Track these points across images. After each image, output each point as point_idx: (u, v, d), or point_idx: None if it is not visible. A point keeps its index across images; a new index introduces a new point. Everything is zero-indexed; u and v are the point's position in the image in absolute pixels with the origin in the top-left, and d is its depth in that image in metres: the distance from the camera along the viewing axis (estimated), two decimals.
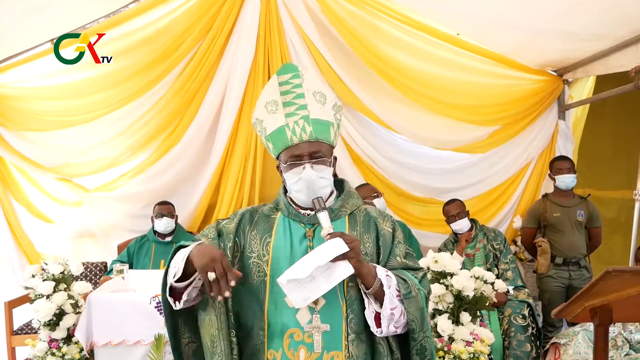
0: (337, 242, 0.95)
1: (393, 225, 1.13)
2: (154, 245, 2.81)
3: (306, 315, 1.01)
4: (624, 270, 1.27)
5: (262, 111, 1.11)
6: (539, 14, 2.42)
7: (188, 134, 2.99)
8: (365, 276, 1.00)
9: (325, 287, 0.95)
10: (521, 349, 2.41)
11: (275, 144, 1.09)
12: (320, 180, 1.05)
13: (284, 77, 1.10)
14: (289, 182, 1.08)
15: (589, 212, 2.77)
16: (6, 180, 3.00)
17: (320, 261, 0.93)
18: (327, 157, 1.08)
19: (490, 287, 2.21)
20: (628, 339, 2.10)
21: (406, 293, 1.01)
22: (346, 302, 1.02)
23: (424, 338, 1.04)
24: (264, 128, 1.11)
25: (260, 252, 1.06)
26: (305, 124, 1.06)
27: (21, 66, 2.87)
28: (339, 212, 1.11)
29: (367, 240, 1.09)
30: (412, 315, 1.02)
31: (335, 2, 2.87)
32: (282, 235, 1.08)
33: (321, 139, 1.07)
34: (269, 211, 1.13)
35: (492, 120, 3.10)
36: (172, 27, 2.86)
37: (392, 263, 1.08)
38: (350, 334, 1.01)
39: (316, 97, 1.09)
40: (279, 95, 1.09)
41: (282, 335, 1.01)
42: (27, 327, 2.56)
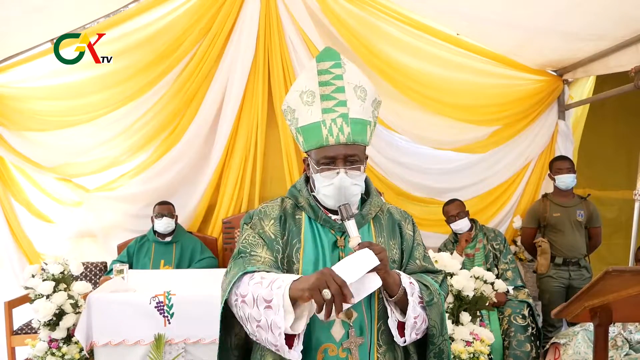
0: (367, 255, 0.90)
1: (414, 226, 1.11)
2: (154, 246, 2.80)
3: (340, 330, 0.97)
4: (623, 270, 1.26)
5: (297, 100, 1.02)
6: (538, 14, 2.42)
7: (188, 134, 2.98)
8: (390, 285, 0.96)
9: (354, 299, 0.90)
10: (521, 349, 2.41)
11: (308, 140, 1.01)
12: (353, 187, 0.99)
13: (324, 65, 1.02)
14: (318, 184, 1.01)
15: (588, 212, 2.77)
16: (6, 180, 3.00)
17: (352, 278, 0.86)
18: (362, 160, 1.02)
19: (490, 287, 2.21)
20: (628, 339, 2.10)
21: (429, 300, 0.99)
22: (377, 313, 1.00)
23: (443, 342, 1.02)
24: (295, 118, 1.03)
25: (292, 258, 1.01)
26: (344, 123, 0.98)
27: (21, 66, 2.87)
28: (366, 217, 1.05)
29: (393, 247, 1.05)
30: (433, 322, 0.99)
31: (335, 2, 2.87)
32: (312, 242, 1.02)
33: (358, 141, 1.00)
34: (292, 209, 1.06)
35: (492, 120, 3.10)
36: (172, 27, 2.86)
37: (412, 266, 1.06)
38: (382, 345, 0.99)
39: (357, 92, 1.01)
40: (317, 86, 1.00)
41: (316, 351, 0.97)
42: (27, 327, 2.56)
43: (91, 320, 2.01)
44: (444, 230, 2.98)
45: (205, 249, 2.85)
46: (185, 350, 1.99)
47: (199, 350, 2.00)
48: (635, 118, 3.23)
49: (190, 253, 2.81)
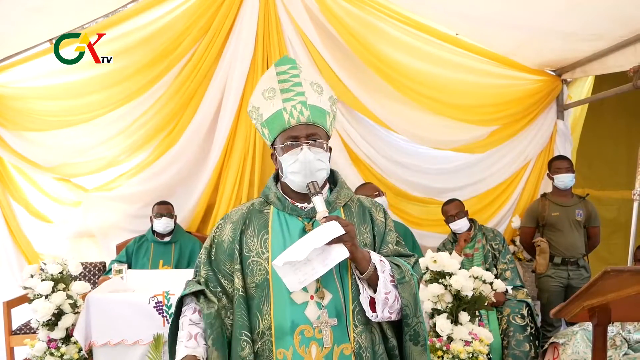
0: (332, 225, 0.96)
1: (385, 214, 1.15)
2: (153, 245, 2.80)
3: (315, 311, 1.01)
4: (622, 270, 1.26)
5: (259, 98, 1.11)
6: (537, 14, 2.42)
7: (187, 134, 2.98)
8: (359, 261, 1.00)
9: (320, 270, 0.96)
10: (520, 349, 2.41)
11: (272, 128, 1.08)
12: (318, 162, 1.04)
13: (282, 68, 1.11)
14: (285, 164, 1.06)
15: (587, 211, 2.77)
16: (5, 180, 3.00)
17: (317, 243, 0.93)
18: (324, 140, 1.08)
19: (489, 286, 2.21)
20: (627, 338, 2.10)
21: (400, 278, 1.02)
22: (352, 294, 1.02)
23: (417, 324, 1.04)
24: (260, 115, 1.11)
25: (259, 250, 1.05)
26: (303, 108, 1.06)
27: (20, 66, 2.86)
28: (335, 203, 1.10)
29: (365, 231, 1.09)
30: (406, 300, 1.02)
31: (334, 2, 2.87)
32: (280, 231, 1.07)
33: (318, 123, 1.07)
34: (260, 206, 1.12)
35: (490, 120, 3.10)
36: (171, 27, 2.86)
37: (385, 250, 1.09)
38: (357, 325, 1.02)
39: (313, 87, 1.10)
40: (277, 83, 1.09)
41: (293, 333, 1.00)
42: (25, 327, 2.55)
43: (90, 320, 2.00)
44: (442, 230, 2.98)
45: None
46: None
47: None
48: (634, 118, 3.24)
49: (189, 253, 2.81)
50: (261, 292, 1.03)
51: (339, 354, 1.00)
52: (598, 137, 3.43)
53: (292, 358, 1.00)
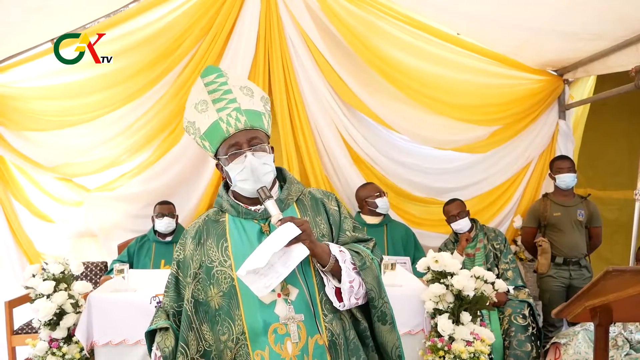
0: (288, 227, 0.97)
1: (337, 203, 1.17)
2: (155, 245, 2.81)
3: (284, 308, 1.02)
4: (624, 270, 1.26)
5: (193, 112, 1.12)
6: (539, 14, 2.42)
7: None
8: (320, 255, 1.02)
9: (284, 272, 0.98)
10: (521, 349, 2.41)
11: (212, 140, 1.09)
12: (264, 166, 1.07)
13: (208, 78, 1.12)
14: (232, 173, 1.08)
15: (589, 211, 2.77)
16: (6, 179, 3.01)
17: (276, 247, 0.95)
18: (266, 143, 1.10)
19: (491, 286, 2.21)
20: (628, 338, 2.10)
21: (361, 264, 1.05)
22: (317, 286, 1.04)
23: (383, 304, 1.07)
24: (197, 129, 1.11)
25: (221, 259, 1.06)
26: (238, 114, 1.07)
27: (21, 66, 2.87)
28: (287, 200, 1.12)
29: (321, 222, 1.12)
30: (370, 285, 1.05)
31: (335, 2, 2.87)
32: (238, 237, 1.08)
33: (256, 126, 1.09)
34: (215, 215, 1.13)
35: (492, 120, 3.10)
36: (173, 27, 2.86)
37: (343, 238, 1.12)
38: (327, 314, 1.04)
39: (243, 91, 1.11)
40: (207, 94, 1.10)
41: (266, 333, 1.01)
42: (27, 327, 2.56)
43: (91, 320, 2.01)
44: (444, 230, 2.98)
45: None
46: None
47: None
48: (636, 117, 3.23)
49: None
50: (229, 300, 1.04)
51: (313, 345, 1.02)
52: (600, 137, 3.42)
53: (269, 357, 1.01)
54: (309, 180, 3.07)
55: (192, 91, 1.15)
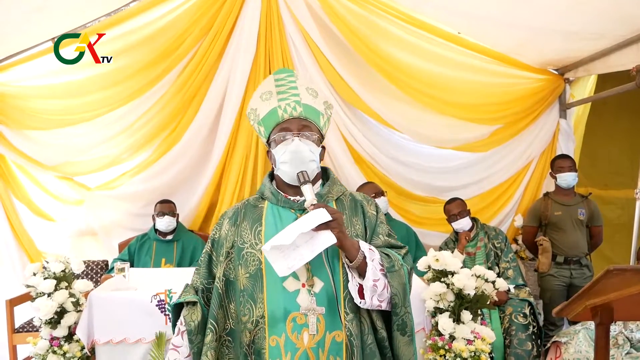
0: (320, 212, 0.97)
1: (376, 208, 1.18)
2: (155, 244, 2.81)
3: (306, 298, 1.02)
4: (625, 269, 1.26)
5: (257, 100, 1.17)
6: (539, 13, 2.42)
7: (189, 133, 2.99)
8: (348, 248, 1.02)
9: (308, 255, 0.97)
10: (522, 348, 2.41)
11: (267, 125, 1.13)
12: (308, 152, 1.07)
13: (280, 75, 1.19)
14: (277, 156, 1.09)
15: (590, 210, 2.77)
16: (7, 178, 3.01)
17: (304, 228, 0.95)
18: (317, 134, 1.11)
19: (491, 285, 2.21)
20: (629, 337, 2.09)
21: (389, 267, 1.04)
22: (343, 282, 1.04)
23: (405, 314, 1.06)
24: (257, 115, 1.15)
25: (253, 242, 1.08)
26: (296, 104, 1.10)
27: (22, 65, 2.87)
28: (326, 197, 1.13)
29: (356, 223, 1.12)
30: (395, 289, 1.04)
31: (336, 1, 2.87)
32: (272, 223, 1.09)
33: (310, 119, 1.11)
34: (255, 201, 1.16)
35: (493, 119, 3.10)
36: (173, 26, 2.86)
37: (376, 241, 1.12)
38: (348, 313, 1.03)
39: (309, 91, 1.15)
40: (274, 87, 1.15)
41: (285, 320, 1.02)
42: (28, 325, 2.56)
43: (92, 318, 2.01)
44: (445, 229, 2.98)
45: None
46: None
47: None
48: (637, 117, 3.23)
49: (192, 251, 2.82)
50: (254, 282, 1.05)
51: (330, 341, 1.01)
52: (601, 136, 3.42)
53: (284, 344, 1.01)
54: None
55: (262, 84, 1.20)
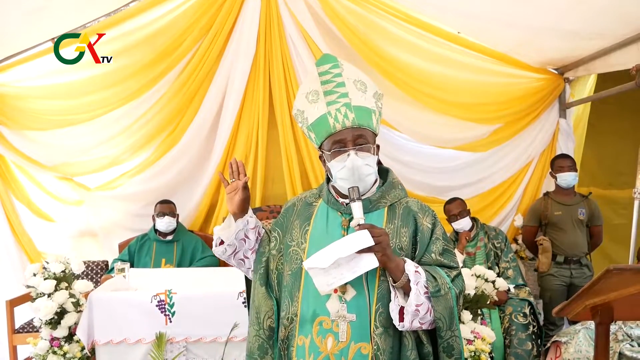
0: (363, 235, 0.95)
1: (434, 220, 1.11)
2: (155, 244, 2.81)
3: (336, 305, 1.01)
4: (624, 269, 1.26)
5: (303, 101, 1.11)
6: (539, 13, 2.42)
7: (189, 133, 2.99)
8: (392, 270, 0.98)
9: (348, 276, 0.96)
10: (522, 347, 2.42)
11: (318, 133, 1.08)
12: (365, 167, 1.05)
13: (323, 67, 1.10)
14: (333, 170, 1.07)
15: (590, 210, 2.77)
16: (7, 178, 3.01)
17: (344, 253, 0.94)
18: (371, 143, 1.08)
19: (491, 285, 2.21)
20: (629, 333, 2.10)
21: (435, 291, 0.99)
22: (377, 295, 1.01)
23: (452, 337, 1.02)
24: (305, 118, 1.10)
25: (299, 240, 1.09)
26: (347, 110, 1.05)
27: (21, 65, 2.87)
28: (378, 203, 1.09)
29: (404, 235, 1.06)
30: (439, 314, 0.99)
31: (336, 1, 2.87)
32: (320, 224, 1.09)
33: (364, 125, 1.06)
34: (311, 198, 1.17)
35: (493, 119, 3.10)
36: (173, 26, 2.87)
37: (426, 259, 1.06)
38: (378, 327, 1.00)
39: (357, 85, 1.08)
40: (320, 85, 1.09)
41: (312, 322, 1.02)
42: (28, 326, 2.56)
43: (92, 319, 2.01)
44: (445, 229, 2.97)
45: (207, 247, 2.85)
46: (186, 349, 2.00)
47: (200, 349, 2.00)
48: (638, 116, 3.22)
49: (192, 252, 2.82)
50: (294, 280, 1.06)
51: (355, 352, 0.99)
52: (602, 136, 3.41)
53: (309, 346, 1.02)
54: (309, 180, 3.07)
55: (306, 80, 1.14)
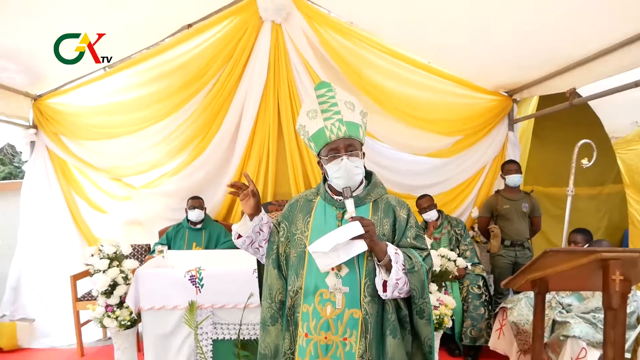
0: (355, 225, 1.00)
1: (408, 212, 1.15)
2: (187, 231, 2.82)
3: (333, 280, 1.05)
4: (558, 251, 1.29)
5: (305, 118, 1.14)
6: (493, 48, 2.43)
7: (214, 143, 2.99)
8: (377, 252, 1.03)
9: (343, 257, 1.01)
10: (477, 312, 2.45)
11: (317, 143, 1.12)
12: (355, 168, 1.09)
13: (320, 91, 1.15)
14: (330, 171, 1.10)
15: (531, 204, 2.79)
16: (68, 178, 3.02)
17: (340, 239, 0.98)
18: (359, 150, 1.11)
19: (453, 263, 2.23)
20: (560, 302, 2.13)
21: (410, 268, 1.04)
22: (365, 272, 1.05)
23: (423, 303, 1.06)
24: (306, 132, 1.14)
25: (303, 229, 1.12)
26: (340, 124, 1.09)
27: (79, 89, 2.88)
28: (365, 199, 1.12)
29: (386, 224, 1.10)
30: (414, 285, 1.04)
31: (330, 37, 2.87)
32: (319, 216, 1.12)
33: (353, 136, 1.10)
34: (311, 196, 1.19)
35: (455, 132, 3.11)
36: (200, 57, 2.86)
37: (403, 243, 1.10)
38: (366, 296, 1.04)
39: (347, 105, 1.12)
40: (317, 105, 1.13)
41: (314, 294, 1.05)
42: (88, 295, 2.59)
43: (138, 290, 2.02)
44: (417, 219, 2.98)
45: (228, 234, 2.86)
46: (212, 313, 2.02)
47: (223, 314, 2.02)
48: (571, 128, 3.23)
49: (217, 237, 2.84)
50: (299, 260, 1.09)
51: (348, 316, 1.03)
52: (545, 145, 3.42)
53: (312, 313, 1.05)
54: (310, 180, 3.08)
55: (306, 102, 1.18)
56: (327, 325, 1.04)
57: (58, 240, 2.94)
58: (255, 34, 2.87)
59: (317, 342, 1.04)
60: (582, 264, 1.21)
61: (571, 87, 2.36)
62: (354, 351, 1.02)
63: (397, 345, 1.04)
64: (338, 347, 1.03)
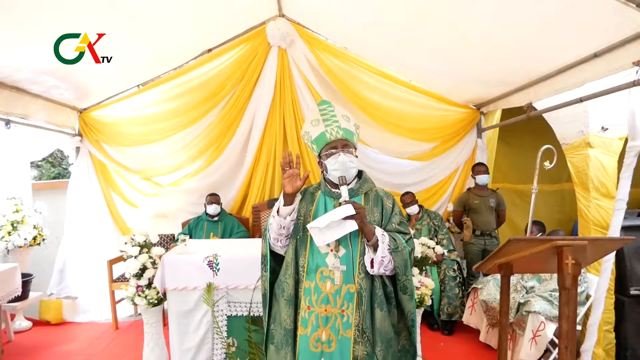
0: (347, 207, 1.01)
1: (394, 202, 1.16)
2: (206, 223, 2.80)
3: (332, 259, 1.06)
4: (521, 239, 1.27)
5: (309, 126, 1.17)
6: (464, 68, 2.42)
7: (228, 149, 2.97)
8: (366, 233, 1.04)
9: (337, 235, 1.01)
10: (452, 292, 2.43)
11: (318, 144, 1.13)
12: (350, 162, 1.10)
13: (322, 106, 1.19)
14: (329, 165, 1.11)
15: (497, 200, 2.78)
16: (107, 178, 3.01)
17: (334, 218, 0.99)
18: (354, 149, 1.13)
19: (432, 250, 2.21)
20: (524, 285, 2.10)
21: (394, 248, 1.04)
22: (359, 252, 1.06)
23: (406, 280, 1.07)
24: (310, 136, 1.16)
25: (307, 216, 1.12)
26: (338, 129, 1.12)
27: (117, 103, 2.87)
28: (357, 191, 1.14)
29: (375, 212, 1.11)
30: (398, 264, 1.04)
31: (328, 59, 2.86)
32: (320, 205, 1.13)
33: (348, 139, 1.13)
34: (313, 189, 1.19)
35: (432, 139, 3.09)
36: (217, 77, 2.85)
37: (389, 227, 1.11)
38: (360, 273, 1.05)
39: (344, 118, 1.16)
40: (320, 115, 1.16)
41: (316, 272, 1.06)
42: (122, 277, 2.56)
43: (164, 273, 2.00)
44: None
45: (241, 225, 2.84)
46: (227, 293, 1.99)
47: (236, 294, 1.99)
48: (530, 135, 3.23)
49: (231, 228, 2.81)
50: (302, 243, 1.10)
51: (345, 291, 1.04)
52: (512, 148, 3.41)
53: (314, 288, 1.05)
54: (310, 181, 3.06)
55: (310, 113, 1.22)
56: (327, 299, 1.03)
57: (97, 231, 2.93)
58: (264, 57, 2.87)
59: (318, 314, 1.04)
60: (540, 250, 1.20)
61: (528, 102, 2.35)
62: (351, 322, 1.02)
63: (384, 317, 1.04)
64: (337, 318, 1.03)
